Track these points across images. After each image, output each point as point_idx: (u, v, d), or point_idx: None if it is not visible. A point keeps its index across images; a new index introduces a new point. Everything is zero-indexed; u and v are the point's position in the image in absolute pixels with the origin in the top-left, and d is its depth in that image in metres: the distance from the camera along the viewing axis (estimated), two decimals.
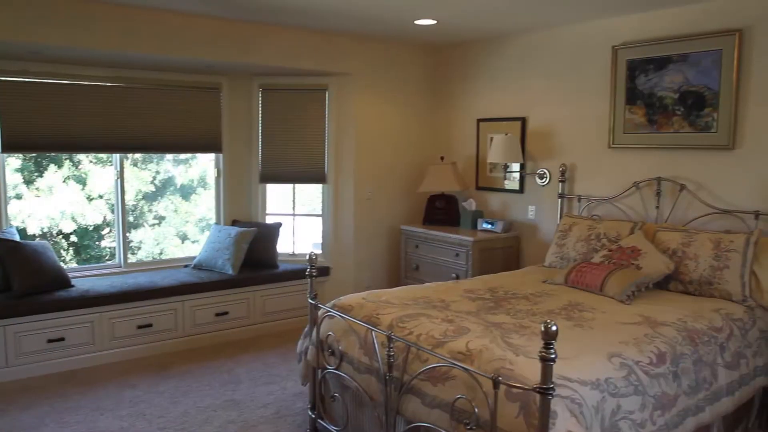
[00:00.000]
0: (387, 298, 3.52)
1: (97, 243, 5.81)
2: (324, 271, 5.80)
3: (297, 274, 5.57)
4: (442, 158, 5.90)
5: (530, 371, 2.42)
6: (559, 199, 5.00)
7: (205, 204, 6.17)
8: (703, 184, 4.22)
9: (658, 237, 4.06)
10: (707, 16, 4.15)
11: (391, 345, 2.83)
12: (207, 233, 5.87)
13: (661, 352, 2.86)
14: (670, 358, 2.87)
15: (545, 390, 2.13)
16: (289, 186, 6.09)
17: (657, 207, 4.42)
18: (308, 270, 3.55)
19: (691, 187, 4.26)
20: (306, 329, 3.67)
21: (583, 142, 4.92)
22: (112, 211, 5.48)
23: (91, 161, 5.64)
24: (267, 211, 6.04)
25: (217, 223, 5.89)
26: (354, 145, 5.76)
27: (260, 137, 5.86)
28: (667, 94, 4.34)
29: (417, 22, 4.92)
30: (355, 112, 5.74)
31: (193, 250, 6.08)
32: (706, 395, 3.00)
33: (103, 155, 5.50)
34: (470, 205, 5.62)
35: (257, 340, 5.29)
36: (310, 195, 6.35)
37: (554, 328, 2.09)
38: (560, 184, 4.98)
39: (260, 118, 5.84)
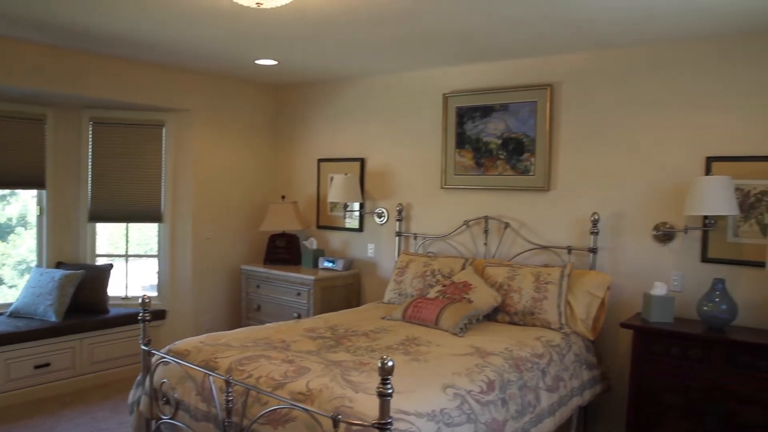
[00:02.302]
0: (226, 341, 3.44)
1: None
2: (160, 315, 5.53)
3: (129, 319, 5.26)
4: (283, 197, 5.91)
5: (369, 407, 2.47)
6: (397, 237, 5.20)
7: (26, 245, 5.65)
8: (525, 223, 4.60)
9: (486, 272, 4.35)
10: (524, 71, 4.60)
11: (230, 389, 2.76)
12: (27, 277, 5.37)
13: (491, 381, 3.05)
14: (498, 386, 3.06)
15: (383, 425, 2.19)
16: (123, 225, 5.76)
17: (485, 244, 4.75)
18: (141, 314, 3.38)
19: (514, 225, 4.64)
20: (138, 378, 3.47)
21: (418, 182, 5.18)
22: None
23: None
24: (97, 252, 5.66)
25: (39, 265, 5.41)
26: (193, 183, 5.60)
27: (90, 173, 5.52)
28: (492, 140, 4.72)
29: (258, 61, 4.95)
30: (195, 150, 5.60)
31: (10, 296, 5.52)
32: (531, 418, 3.22)
33: None
34: (311, 243, 5.67)
35: (84, 393, 4.89)
36: (146, 234, 6.05)
37: (390, 363, 2.16)
38: (397, 222, 5.19)
39: (90, 153, 5.51)
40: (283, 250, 5.75)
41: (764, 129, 3.73)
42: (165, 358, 3.24)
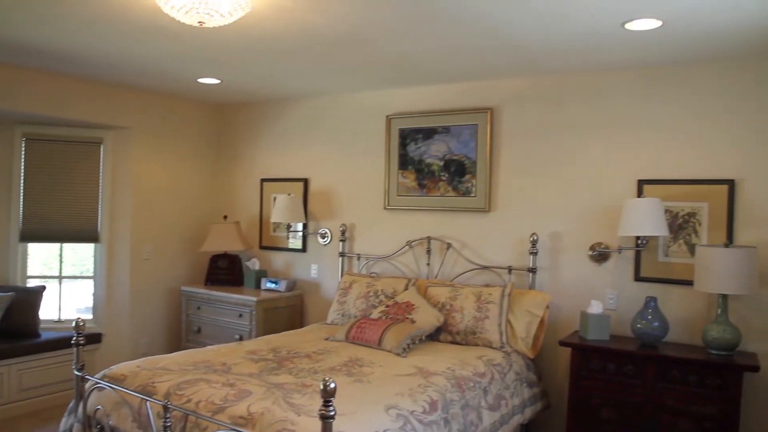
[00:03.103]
0: (164, 365, 3.35)
1: None
2: (95, 339, 5.34)
3: (62, 343, 5.06)
4: (225, 217, 5.84)
5: (312, 430, 2.45)
6: (340, 258, 5.20)
7: None
8: (467, 243, 4.68)
9: (429, 292, 4.39)
10: (465, 94, 4.70)
11: (168, 415, 2.69)
12: None
13: (433, 401, 3.07)
14: (441, 406, 3.08)
15: None
16: (57, 245, 5.56)
17: (428, 264, 4.80)
18: (75, 337, 3.26)
19: (456, 246, 4.70)
20: (71, 405, 3.34)
21: (362, 203, 5.20)
22: None
23: None
24: (29, 274, 5.44)
25: None
26: (132, 203, 5.47)
27: (22, 191, 5.31)
28: (434, 161, 4.80)
29: (200, 80, 4.90)
30: (134, 168, 5.48)
31: None
32: None
33: None
34: (254, 264, 5.61)
35: (12, 422, 4.66)
36: (81, 255, 5.86)
37: (333, 385, 2.15)
38: (341, 243, 5.19)
39: (23, 170, 5.31)
40: (225, 270, 5.67)
41: (690, 154, 3.92)
42: (99, 383, 3.13)
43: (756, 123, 3.75)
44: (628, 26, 3.23)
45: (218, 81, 4.94)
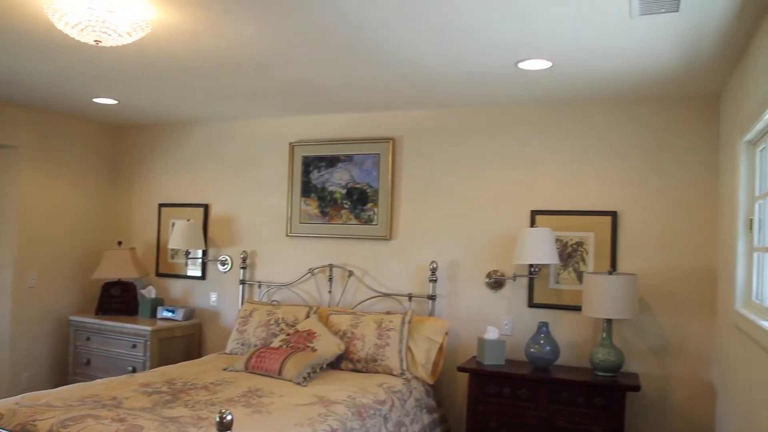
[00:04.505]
0: (48, 400, 3.14)
1: None
2: None
3: None
4: (120, 243, 5.59)
5: None
6: (241, 285, 5.10)
7: None
8: (368, 271, 4.72)
9: (330, 320, 4.39)
10: (369, 124, 4.79)
11: None
12: None
13: (333, 430, 3.05)
14: None
15: None
16: None
17: (330, 291, 4.80)
18: None
19: (358, 273, 4.74)
20: None
21: (264, 230, 5.15)
22: None
23: None
24: None
25: None
26: (16, 226, 5.13)
27: None
28: (337, 189, 4.83)
29: (96, 100, 4.72)
30: (20, 190, 5.15)
31: None
32: None
33: None
34: (149, 292, 5.40)
35: None
36: None
37: (229, 417, 2.11)
38: (242, 270, 5.10)
39: None
40: (118, 299, 5.41)
41: (579, 186, 4.17)
42: None
43: (634, 160, 4.05)
44: (521, 65, 3.41)
45: (115, 101, 4.77)
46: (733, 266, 3.16)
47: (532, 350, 3.94)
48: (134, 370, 4.82)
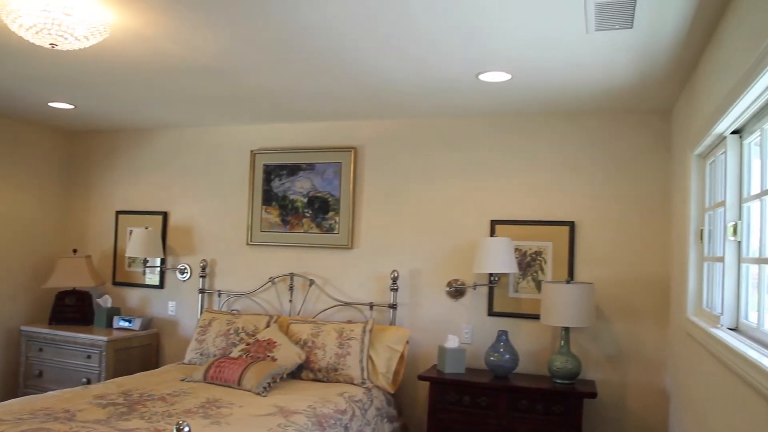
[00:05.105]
0: None
1: None
2: None
3: None
4: (75, 251, 5.46)
5: None
6: (200, 295, 5.03)
7: None
8: (329, 280, 4.71)
9: (291, 329, 4.36)
10: (331, 133, 4.79)
11: None
12: None
13: None
14: None
15: None
16: None
17: (290, 300, 4.77)
18: None
19: (319, 282, 4.72)
20: None
21: (224, 238, 5.09)
22: None
23: None
24: None
25: None
26: None
27: None
28: (298, 198, 4.82)
29: (52, 104, 4.61)
30: None
31: None
32: None
33: None
34: (105, 301, 5.28)
35: None
36: None
37: (187, 429, 2.08)
38: (201, 279, 5.03)
39: None
40: (73, 308, 5.27)
41: (538, 196, 4.24)
42: None
43: (592, 171, 4.15)
44: (482, 77, 3.47)
45: (71, 106, 4.68)
46: (684, 275, 3.25)
47: (491, 358, 3.98)
48: (89, 382, 4.70)
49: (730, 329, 2.50)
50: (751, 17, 2.01)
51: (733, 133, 2.55)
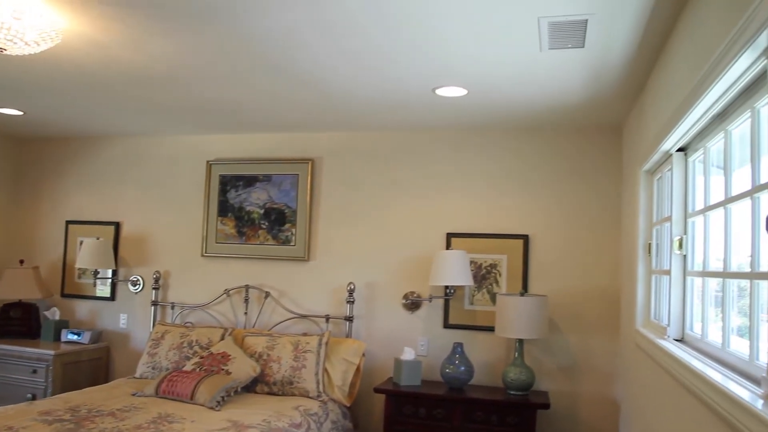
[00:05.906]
0: None
1: None
2: None
3: None
4: (21, 261, 5.29)
5: None
6: (153, 307, 4.93)
7: None
8: (285, 292, 4.68)
9: (246, 342, 4.30)
10: (288, 144, 4.78)
11: None
12: None
13: None
14: None
15: None
16: None
17: (246, 313, 4.71)
18: None
19: (275, 294, 4.68)
20: None
21: (178, 249, 5.01)
22: None
23: None
24: None
25: None
26: None
27: None
28: (255, 209, 4.78)
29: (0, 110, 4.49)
30: None
31: None
32: None
33: None
34: (53, 314, 5.13)
35: None
36: None
37: None
38: (154, 291, 4.94)
39: None
40: (18, 321, 5.10)
41: (493, 210, 4.31)
42: None
43: (545, 185, 4.23)
44: (439, 92, 3.51)
45: (21, 113, 4.55)
46: (634, 288, 3.34)
47: (447, 370, 4.00)
48: (34, 397, 4.55)
49: (677, 340, 2.57)
50: (695, 41, 2.09)
51: (679, 150, 2.64)
